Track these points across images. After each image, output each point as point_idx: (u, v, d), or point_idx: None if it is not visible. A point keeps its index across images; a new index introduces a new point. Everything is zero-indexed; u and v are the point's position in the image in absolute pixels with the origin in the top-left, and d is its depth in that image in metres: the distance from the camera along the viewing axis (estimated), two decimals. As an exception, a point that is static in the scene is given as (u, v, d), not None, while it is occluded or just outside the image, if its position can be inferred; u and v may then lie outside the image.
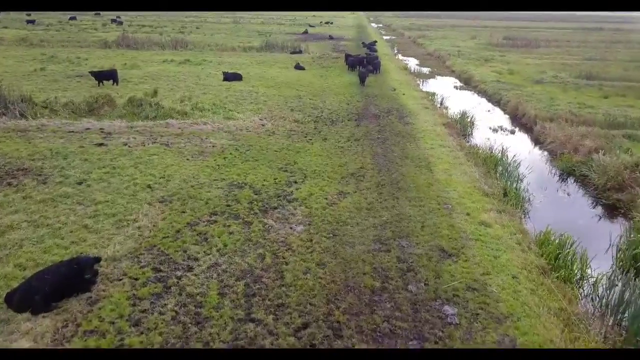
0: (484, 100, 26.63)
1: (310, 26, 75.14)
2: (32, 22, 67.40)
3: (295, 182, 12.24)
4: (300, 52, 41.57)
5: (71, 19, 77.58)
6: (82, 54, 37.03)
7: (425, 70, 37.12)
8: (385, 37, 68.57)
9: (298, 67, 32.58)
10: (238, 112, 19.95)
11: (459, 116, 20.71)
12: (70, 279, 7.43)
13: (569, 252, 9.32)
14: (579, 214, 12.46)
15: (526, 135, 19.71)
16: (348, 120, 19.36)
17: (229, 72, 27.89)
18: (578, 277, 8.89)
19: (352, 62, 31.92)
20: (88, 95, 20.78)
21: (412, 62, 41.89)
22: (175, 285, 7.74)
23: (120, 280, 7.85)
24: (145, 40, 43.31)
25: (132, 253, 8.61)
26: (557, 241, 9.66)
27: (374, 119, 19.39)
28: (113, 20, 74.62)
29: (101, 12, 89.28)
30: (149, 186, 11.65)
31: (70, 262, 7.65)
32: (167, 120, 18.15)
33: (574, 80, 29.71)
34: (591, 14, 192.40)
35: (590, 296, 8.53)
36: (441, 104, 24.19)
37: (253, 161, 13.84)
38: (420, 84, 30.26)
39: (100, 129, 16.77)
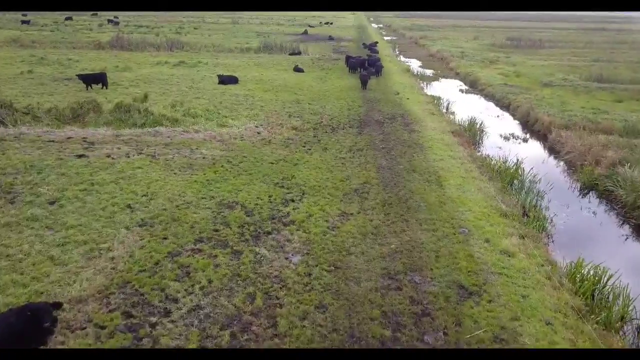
0: (491, 104, 25.42)
1: (310, 26, 73.95)
2: (27, 22, 66.13)
3: (293, 201, 11.01)
4: (299, 53, 40.37)
5: (67, 19, 76.33)
6: (73, 55, 35.81)
7: (429, 72, 35.91)
8: (386, 38, 67.38)
9: (297, 69, 31.37)
10: (232, 119, 18.74)
11: (467, 123, 19.49)
12: (22, 331, 6.19)
13: (607, 288, 8.10)
14: (610, 238, 11.22)
15: (540, 144, 18.48)
16: (350, 127, 18.15)
17: (225, 75, 26.68)
18: (620, 320, 7.65)
19: (353, 64, 30.71)
20: (74, 100, 19.58)
21: (415, 64, 40.68)
22: (148, 336, 6.52)
23: (84, 329, 6.63)
24: (139, 42, 42.10)
25: (102, 292, 7.39)
26: (591, 274, 8.43)
27: (378, 126, 18.17)
28: (109, 21, 73.36)
29: (98, 13, 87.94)
30: (129, 206, 10.42)
31: (23, 309, 6.42)
32: (156, 128, 16.93)
33: (584, 83, 28.49)
34: (591, 14, 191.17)
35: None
36: (447, 109, 22.98)
37: (246, 175, 12.62)
38: (425, 87, 29.05)
39: (83, 138, 15.54)
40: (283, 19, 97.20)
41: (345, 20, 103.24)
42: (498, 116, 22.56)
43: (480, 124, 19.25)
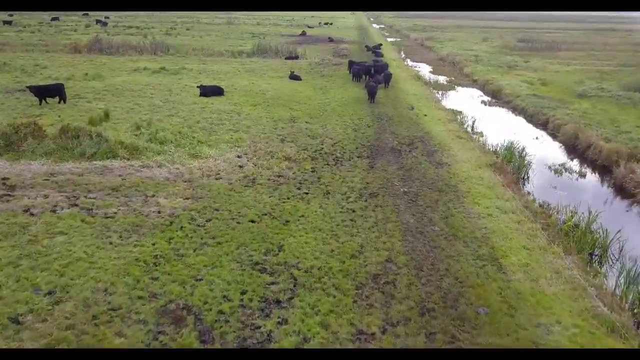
0: (522, 120, 21.50)
1: (309, 27, 70.06)
2: (9, 23, 62.23)
3: (278, 302, 7.11)
4: (296, 57, 36.49)
5: (54, 19, 72.62)
6: (44, 60, 31.93)
7: (442, 79, 31.99)
8: (389, 39, 63.48)
9: (293, 76, 27.48)
10: (209, 146, 14.83)
11: (503, 149, 15.58)
12: None
13: None
14: None
15: (607, 182, 14.30)
16: (358, 157, 14.25)
17: (208, 85, 22.76)
18: None
19: (357, 72, 26.82)
20: (14, 120, 15.71)
21: (425, 69, 36.77)
22: None
23: None
24: (120, 44, 38.16)
25: None
26: None
27: (394, 156, 14.27)
28: (98, 22, 69.50)
29: (89, 13, 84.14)
30: (15, 320, 6.52)
31: None
32: (107, 162, 13.02)
33: (625, 93, 24.59)
34: (592, 14, 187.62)
35: None
36: (473, 128, 19.06)
37: (213, 247, 8.71)
38: (441, 99, 25.13)
39: (3, 179, 11.61)
40: (281, 19, 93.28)
41: (345, 21, 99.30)
42: (537, 138, 18.58)
43: (522, 152, 15.31)
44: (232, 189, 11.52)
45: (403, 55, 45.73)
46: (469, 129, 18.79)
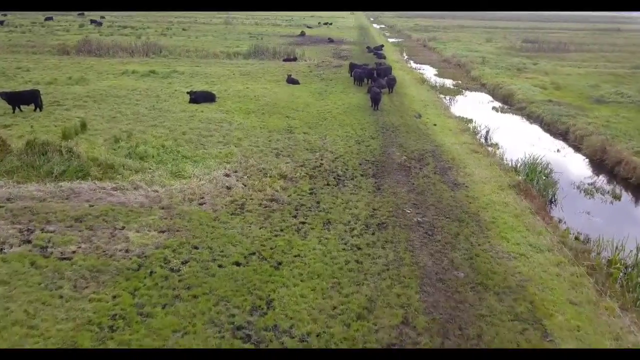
0: (538, 129, 19.80)
1: (308, 27, 68.39)
2: (0, 22, 60.61)
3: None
4: (294, 59, 34.82)
5: (47, 19, 70.98)
6: (28, 62, 30.30)
7: (448, 83, 30.30)
8: (390, 40, 61.79)
9: (290, 80, 25.82)
10: (195, 162, 13.17)
11: (524, 165, 13.90)
12: None
13: None
14: None
15: None
16: (362, 175, 12.59)
17: (198, 91, 21.10)
18: None
19: (359, 75, 25.15)
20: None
21: (429, 72, 35.09)
22: None
23: None
24: (111, 45, 36.47)
25: None
26: None
27: (403, 174, 12.60)
28: (92, 21, 67.87)
29: (85, 13, 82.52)
30: None
31: None
32: (75, 184, 11.35)
33: (645, 98, 22.96)
34: (593, 14, 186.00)
35: None
36: (487, 139, 17.39)
37: (187, 302, 7.05)
38: (449, 105, 23.45)
39: (-51, 206, 9.96)
40: (280, 19, 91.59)
41: (345, 21, 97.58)
42: (558, 150, 16.89)
43: (546, 169, 13.63)
44: (217, 218, 9.85)
45: (406, 57, 44.05)
46: (483, 140, 17.12)
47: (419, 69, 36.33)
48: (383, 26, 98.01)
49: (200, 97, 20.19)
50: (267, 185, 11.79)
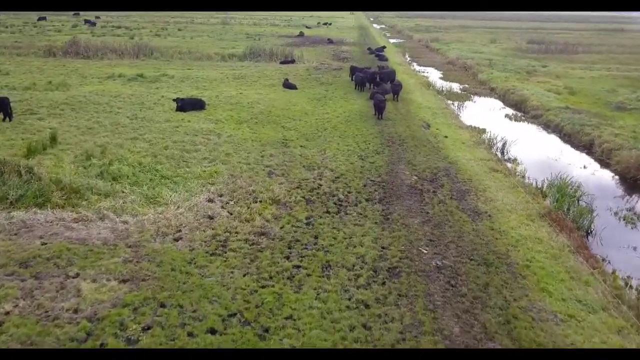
0: (558, 141, 18.09)
1: (307, 27, 66.69)
2: (-9, 22, 58.87)
3: None
4: (292, 61, 33.12)
5: (40, 19, 69.32)
6: (10, 65, 28.62)
7: (455, 87, 28.59)
8: (392, 41, 60.11)
9: (287, 84, 24.13)
10: (175, 183, 11.48)
11: (552, 186, 12.16)
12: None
13: None
14: None
15: None
16: (367, 200, 10.89)
17: (186, 98, 19.38)
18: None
19: (361, 80, 23.46)
20: None
21: (434, 75, 33.40)
22: None
23: None
24: (100, 47, 34.72)
25: None
26: None
27: (414, 200, 10.89)
28: (86, 21, 66.22)
29: (80, 13, 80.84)
30: None
31: None
32: (30, 214, 9.63)
33: (670, 105, 21.28)
34: (593, 13, 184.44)
35: None
36: (504, 152, 15.69)
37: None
38: (458, 112, 21.74)
39: None
40: (278, 19, 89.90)
41: (345, 21, 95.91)
42: (584, 167, 15.14)
43: (577, 192, 11.90)
44: (193, 261, 8.14)
45: (408, 59, 42.37)
46: (499, 153, 15.43)
47: (423, 72, 34.65)
48: (383, 26, 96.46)
49: (187, 105, 18.48)
50: (256, 214, 10.08)
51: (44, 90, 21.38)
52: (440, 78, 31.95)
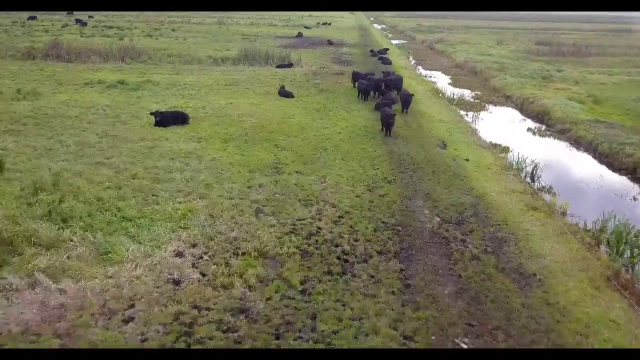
0: (593, 162, 15.73)
1: (306, 27, 64.40)
2: (-23, 22, 56.55)
3: None
4: (290, 65, 30.78)
5: (30, 18, 67.08)
6: (-18, 69, 26.23)
7: (467, 94, 26.23)
8: (394, 42, 57.78)
9: (283, 92, 21.81)
10: (139, 227, 9.17)
11: (608, 233, 9.79)
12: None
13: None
14: None
15: None
16: (379, 252, 8.58)
17: (166, 111, 17.04)
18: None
19: (365, 88, 21.12)
20: None
21: (442, 80, 31.07)
22: None
23: None
24: (83, 49, 32.33)
25: None
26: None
27: (440, 255, 8.55)
28: (77, 21, 63.98)
29: (73, 12, 78.51)
30: None
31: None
32: None
33: None
34: (595, 13, 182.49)
35: None
36: (533, 178, 13.36)
37: None
38: (474, 125, 19.40)
39: None
40: (277, 19, 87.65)
41: (344, 21, 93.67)
42: (634, 198, 12.76)
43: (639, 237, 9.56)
44: (143, 363, 5.79)
45: (413, 62, 40.04)
46: (528, 178, 13.11)
47: (430, 77, 32.31)
48: (384, 26, 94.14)
49: (168, 119, 16.14)
50: (236, 275, 7.76)
51: (9, 100, 19.02)
52: (450, 84, 29.61)
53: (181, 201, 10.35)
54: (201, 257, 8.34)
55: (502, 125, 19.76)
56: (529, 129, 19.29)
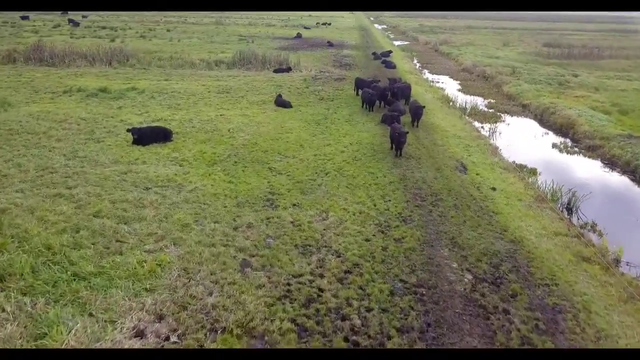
0: (634, 186, 13.77)
1: (305, 28, 62.50)
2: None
3: None
4: (288, 69, 28.82)
5: (23, 18, 65.33)
6: (-47, 75, 24.29)
7: (479, 102, 24.26)
8: (396, 43, 55.80)
9: (280, 102, 19.87)
10: (92, 289, 7.21)
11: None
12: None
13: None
14: None
15: None
16: (398, 329, 6.61)
17: (146, 127, 15.06)
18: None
19: (370, 99, 19.10)
20: None
21: (450, 86, 29.10)
22: None
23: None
24: (68, 52, 30.32)
25: None
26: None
27: (477, 332, 6.59)
28: (70, 21, 62.20)
29: (68, 12, 76.62)
30: None
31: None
32: None
33: None
34: (595, 13, 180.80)
35: None
36: (570, 210, 11.38)
37: None
38: (493, 141, 17.44)
39: None
40: (275, 19, 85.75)
41: (344, 21, 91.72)
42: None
43: None
44: None
45: (418, 65, 38.06)
46: (565, 211, 11.14)
47: (437, 82, 30.33)
48: (385, 26, 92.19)
49: (147, 137, 14.15)
50: (212, 369, 5.77)
51: (-26, 113, 17.05)
52: (459, 90, 27.63)
53: (150, 249, 8.37)
54: (168, 338, 6.38)
55: (523, 141, 17.77)
56: (554, 145, 17.30)
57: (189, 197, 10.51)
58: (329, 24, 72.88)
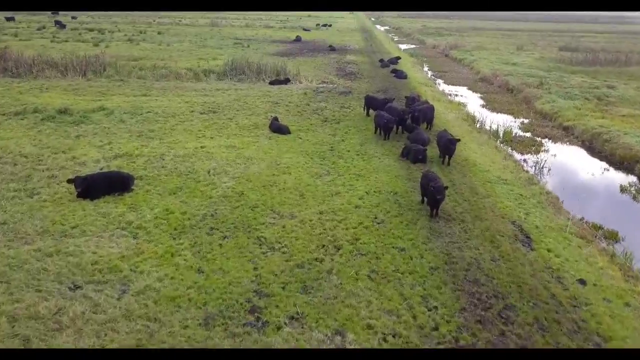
0: None
1: (305, 30, 58.94)
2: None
3: None
4: (286, 81, 25.26)
5: (9, 19, 61.95)
6: None
7: (510, 122, 20.65)
8: (402, 47, 52.18)
9: (276, 127, 16.34)
10: None
11: None
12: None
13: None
14: None
15: None
16: None
17: (96, 173, 11.46)
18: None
19: (386, 125, 15.46)
20: None
21: (471, 100, 25.51)
22: None
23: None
24: (36, 61, 26.68)
25: None
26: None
27: None
28: (57, 22, 58.73)
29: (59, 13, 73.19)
30: None
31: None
32: None
33: None
34: (595, 13, 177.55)
35: None
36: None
37: None
38: (538, 175, 13.87)
39: None
40: (274, 19, 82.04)
41: (345, 21, 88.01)
42: None
43: None
44: None
45: (430, 73, 34.47)
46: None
47: (455, 95, 26.75)
48: (387, 27, 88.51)
49: (97, 187, 10.56)
50: None
51: None
52: (483, 106, 24.04)
53: None
54: None
55: (581, 183, 14.17)
56: (622, 189, 13.68)
57: (133, 308, 6.92)
58: (330, 26, 69.26)
